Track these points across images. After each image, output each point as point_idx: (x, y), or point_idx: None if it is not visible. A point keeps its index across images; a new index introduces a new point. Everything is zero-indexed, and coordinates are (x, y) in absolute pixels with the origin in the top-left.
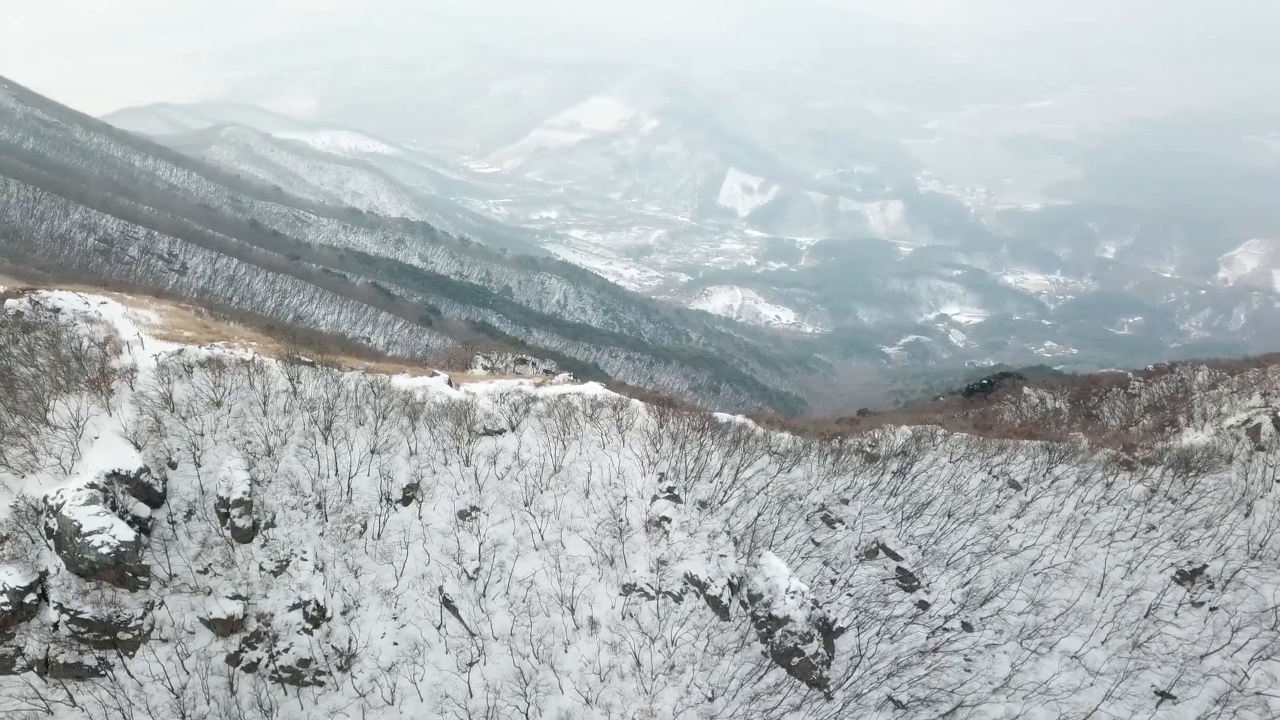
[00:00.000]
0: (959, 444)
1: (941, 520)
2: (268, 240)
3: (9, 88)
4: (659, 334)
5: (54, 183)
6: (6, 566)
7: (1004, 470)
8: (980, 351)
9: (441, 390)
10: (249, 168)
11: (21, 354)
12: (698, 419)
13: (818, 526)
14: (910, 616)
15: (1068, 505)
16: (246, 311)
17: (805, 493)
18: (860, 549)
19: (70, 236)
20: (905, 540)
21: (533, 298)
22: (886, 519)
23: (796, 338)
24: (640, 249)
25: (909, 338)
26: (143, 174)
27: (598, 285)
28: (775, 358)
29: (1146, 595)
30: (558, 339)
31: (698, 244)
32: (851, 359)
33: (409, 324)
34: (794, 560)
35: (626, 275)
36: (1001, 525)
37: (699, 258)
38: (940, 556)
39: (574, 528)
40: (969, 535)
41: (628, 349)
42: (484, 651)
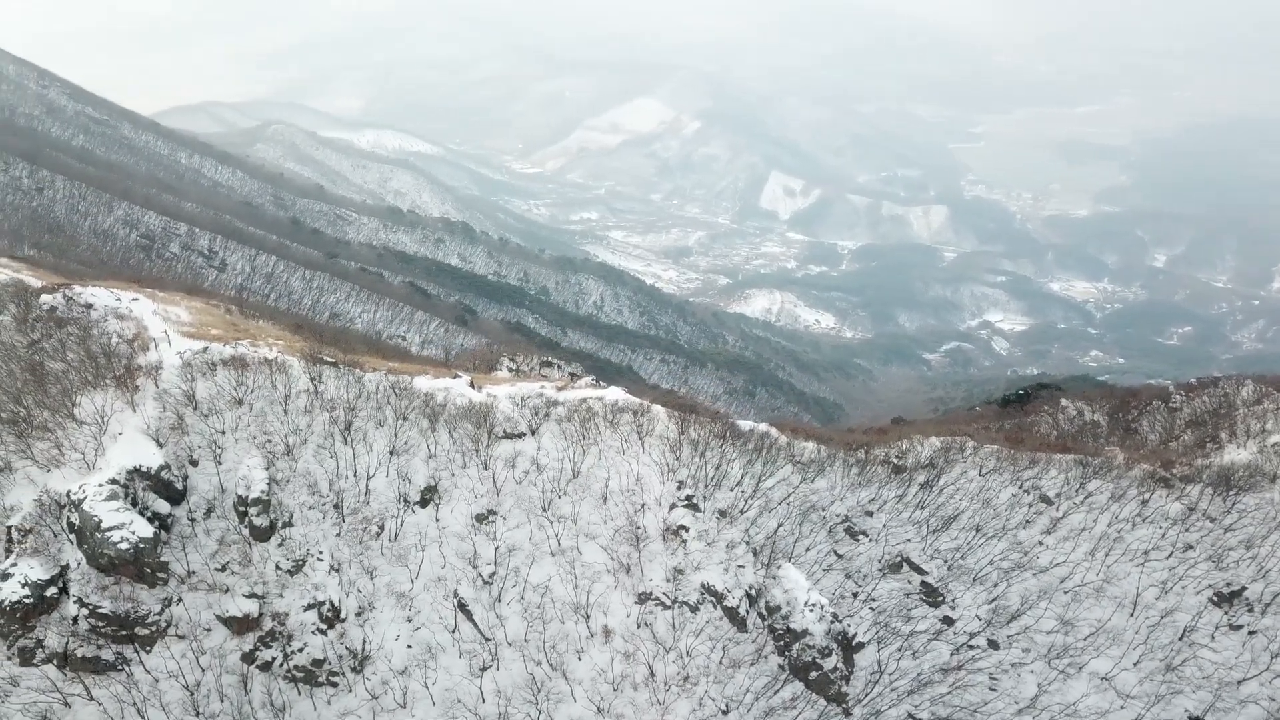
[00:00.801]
0: (989, 457)
1: (969, 534)
2: (307, 238)
3: (61, 85)
4: (695, 337)
5: (99, 179)
6: (29, 560)
7: (1035, 484)
8: (1023, 360)
9: (463, 392)
10: (294, 165)
11: (54, 349)
12: (719, 426)
13: (840, 538)
14: (934, 633)
15: (1101, 522)
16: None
17: (828, 504)
18: (884, 562)
19: (113, 232)
20: (930, 554)
21: (569, 299)
22: (911, 532)
23: (836, 343)
24: (680, 251)
25: (950, 344)
26: (188, 171)
27: (634, 287)
28: (813, 363)
29: (1182, 617)
30: (593, 340)
31: (738, 246)
32: (892, 365)
33: (444, 323)
34: (815, 572)
35: (665, 277)
36: (1031, 541)
37: (739, 260)
38: (966, 572)
39: (590, 534)
40: (997, 550)
41: (663, 351)
42: (497, 657)
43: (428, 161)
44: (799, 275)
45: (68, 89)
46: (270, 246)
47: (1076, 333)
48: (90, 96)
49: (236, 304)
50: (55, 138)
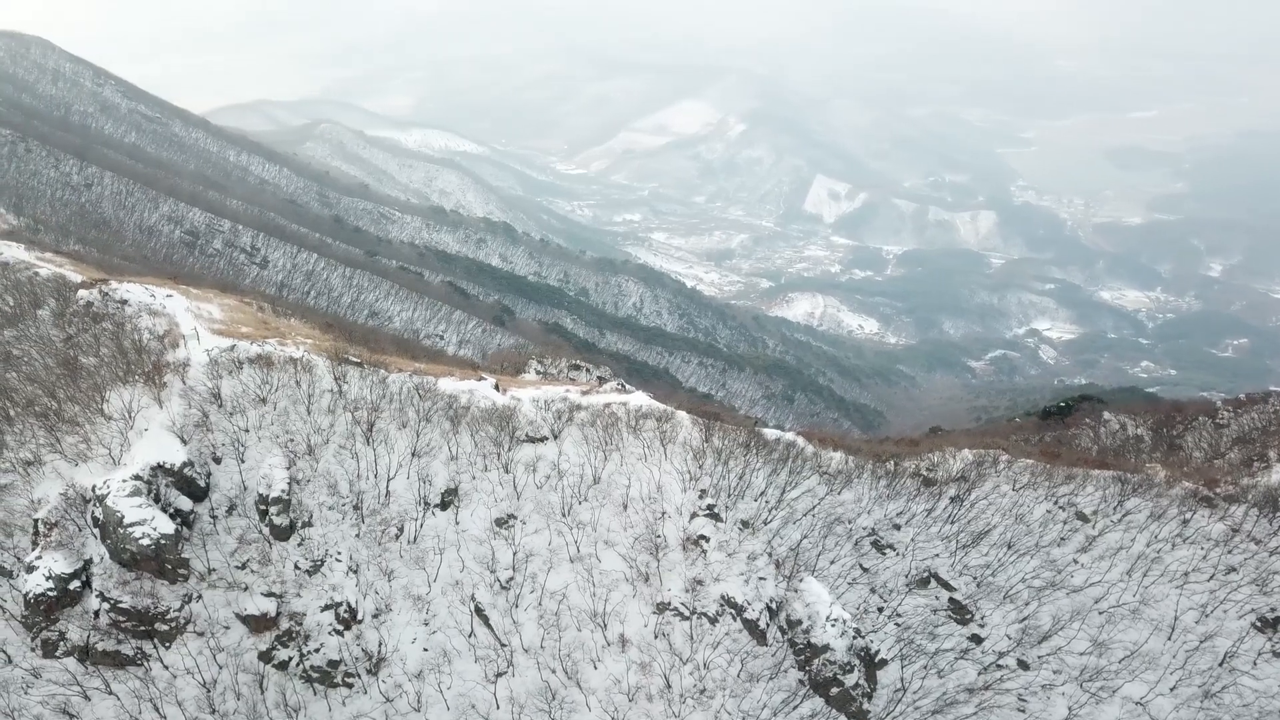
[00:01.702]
0: (1023, 471)
1: (1000, 551)
2: (349, 236)
3: (116, 84)
4: (735, 340)
5: (146, 175)
6: (53, 553)
7: (1071, 501)
8: (1071, 369)
9: (487, 395)
10: (341, 164)
11: (88, 344)
12: (744, 434)
13: (866, 552)
14: (961, 651)
15: (1139, 541)
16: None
17: (854, 516)
18: (911, 577)
19: (158, 229)
20: (959, 570)
21: (609, 300)
22: (940, 547)
23: (879, 348)
24: (722, 253)
25: (996, 352)
26: (235, 169)
27: (674, 289)
28: (855, 368)
29: (1222, 642)
30: (630, 342)
31: (781, 250)
32: (935, 372)
33: (482, 323)
34: (839, 586)
35: (707, 280)
36: (1065, 559)
37: (781, 264)
38: (996, 589)
39: (610, 542)
40: (1029, 568)
41: (701, 354)
42: (512, 663)
43: (474, 161)
44: (843, 279)
45: (122, 87)
46: (312, 244)
47: (1127, 343)
48: (144, 94)
49: (269, 301)
50: (108, 135)
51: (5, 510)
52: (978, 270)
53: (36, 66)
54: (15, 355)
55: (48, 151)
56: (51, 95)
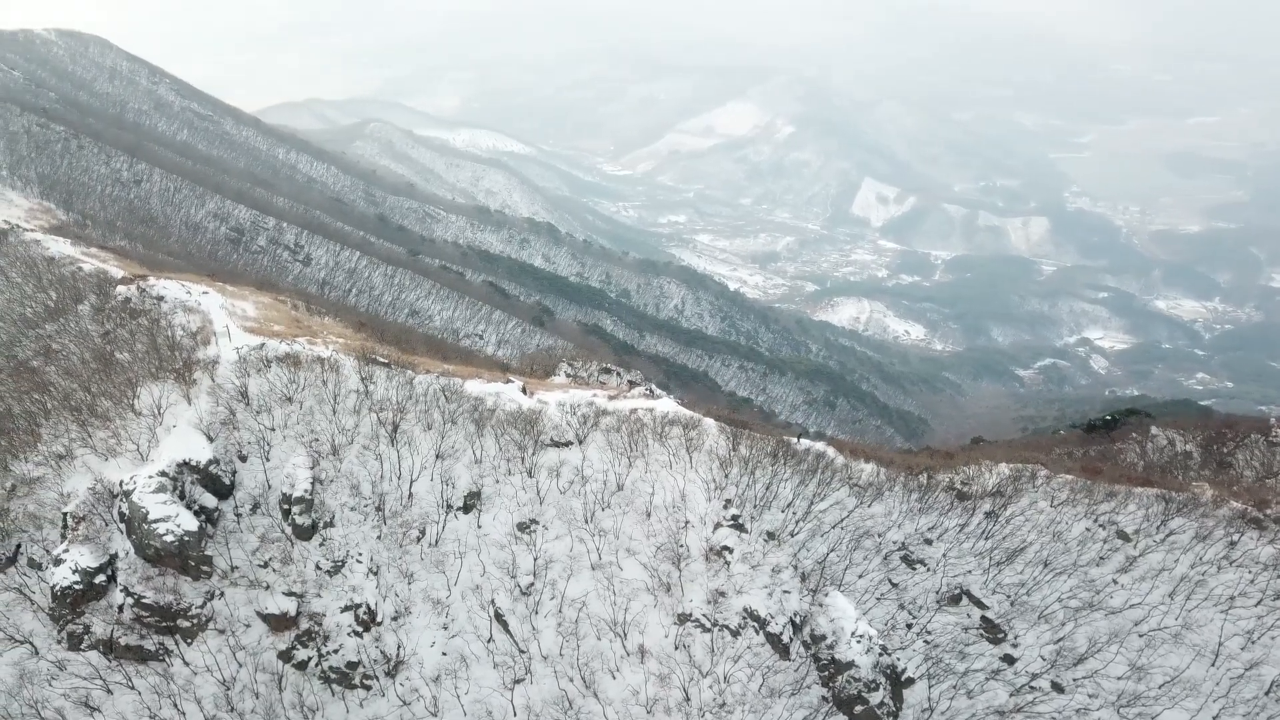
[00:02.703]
0: (1062, 487)
1: (1035, 569)
2: (393, 234)
3: (171, 82)
4: (777, 344)
5: (194, 172)
6: (80, 547)
7: (1112, 519)
8: (1123, 380)
9: (513, 398)
10: (389, 163)
11: (125, 340)
12: (772, 444)
13: (896, 566)
14: (992, 671)
15: (1182, 563)
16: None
17: (884, 530)
18: (942, 594)
19: (203, 225)
20: (993, 588)
21: (650, 302)
22: (973, 564)
23: (925, 355)
24: (767, 256)
25: (1045, 361)
26: (284, 166)
27: (717, 291)
28: (899, 374)
29: (1269, 670)
30: (670, 345)
31: (827, 253)
32: (982, 380)
33: (521, 323)
34: (866, 601)
35: (751, 282)
36: (1104, 579)
37: (827, 267)
38: (1031, 609)
39: (631, 550)
40: (1065, 587)
41: (741, 358)
42: (530, 671)
43: (520, 161)
44: (889, 284)
45: (176, 85)
46: (355, 242)
47: (1182, 354)
48: (197, 93)
49: (304, 299)
50: (161, 132)
51: (36, 503)
52: (1028, 277)
53: (95, 65)
54: (55, 349)
55: (99, 148)
56: (108, 93)
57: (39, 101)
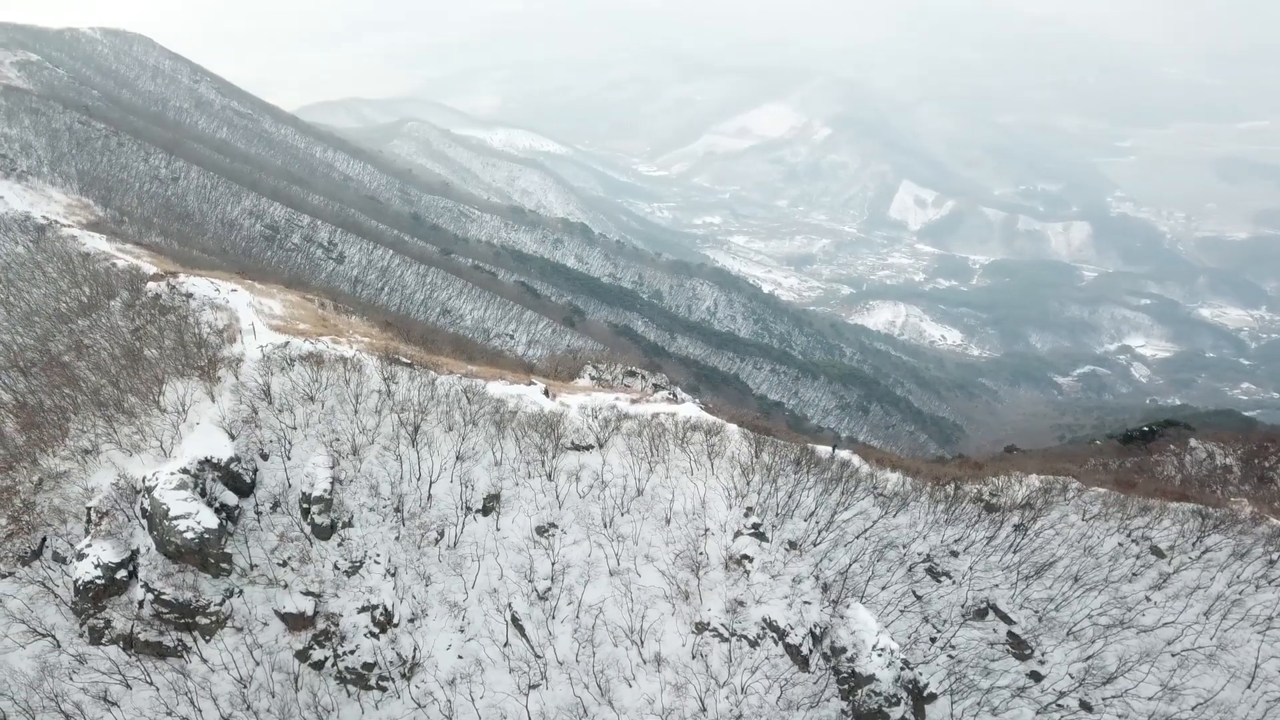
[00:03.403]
0: (1094, 500)
1: (1065, 584)
2: (427, 233)
3: (211, 80)
4: (810, 347)
5: (231, 169)
6: (103, 542)
7: (1145, 534)
8: (1165, 389)
9: (535, 400)
10: (426, 162)
11: (154, 336)
12: (796, 451)
13: (920, 579)
14: (1017, 689)
15: (1219, 581)
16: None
17: (909, 541)
18: (967, 607)
19: (239, 222)
20: (1020, 603)
21: (682, 304)
22: (1000, 577)
23: (961, 360)
24: (803, 258)
25: (1085, 368)
26: (321, 165)
27: (750, 293)
28: (935, 380)
29: None
30: (701, 347)
31: (863, 256)
32: (1019, 387)
33: (552, 324)
34: (889, 614)
35: (786, 284)
36: (1136, 596)
37: (863, 270)
38: (1059, 625)
39: (650, 557)
40: (1096, 604)
41: (774, 361)
42: (545, 676)
43: (556, 161)
44: (926, 288)
45: (217, 84)
46: (388, 241)
47: (1226, 363)
48: (237, 91)
49: (332, 298)
50: (201, 130)
51: (61, 497)
52: (1069, 283)
53: (138, 63)
54: (86, 344)
55: (138, 145)
56: (150, 91)
57: (81, 99)
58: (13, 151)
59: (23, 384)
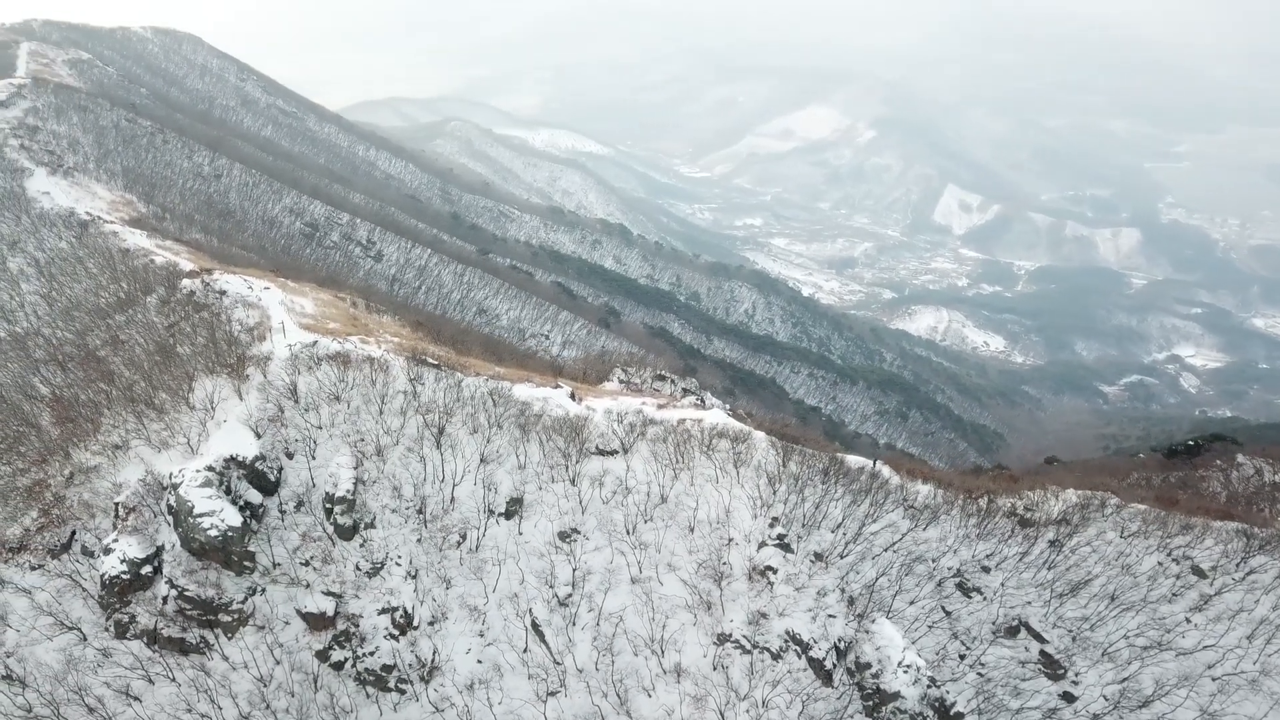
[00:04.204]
0: (1133, 517)
1: (1101, 603)
2: (466, 233)
3: (258, 79)
4: (850, 352)
5: (273, 167)
6: (129, 537)
7: (1186, 554)
8: (1215, 400)
9: (561, 403)
10: (468, 161)
11: (187, 333)
12: (824, 460)
13: (950, 594)
14: (1049, 710)
15: (1264, 604)
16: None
17: (939, 555)
18: (998, 625)
19: (279, 220)
20: (1053, 621)
21: (720, 306)
22: (1033, 595)
23: (1004, 367)
24: (844, 261)
25: (1132, 378)
26: (363, 163)
27: (789, 296)
28: (976, 387)
29: None
30: (738, 350)
31: (906, 260)
32: (1063, 395)
33: (587, 324)
34: (916, 629)
35: (826, 287)
36: (1175, 618)
37: (906, 275)
38: (1094, 645)
39: (672, 565)
40: (1133, 624)
41: (811, 365)
42: (564, 684)
43: (597, 162)
44: (969, 294)
45: (263, 82)
46: (427, 240)
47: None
48: (282, 90)
49: (364, 297)
50: (246, 128)
51: (91, 492)
52: (1116, 290)
53: (186, 61)
54: (122, 340)
55: (183, 142)
56: (198, 89)
57: (130, 97)
58: (60, 148)
59: (60, 378)
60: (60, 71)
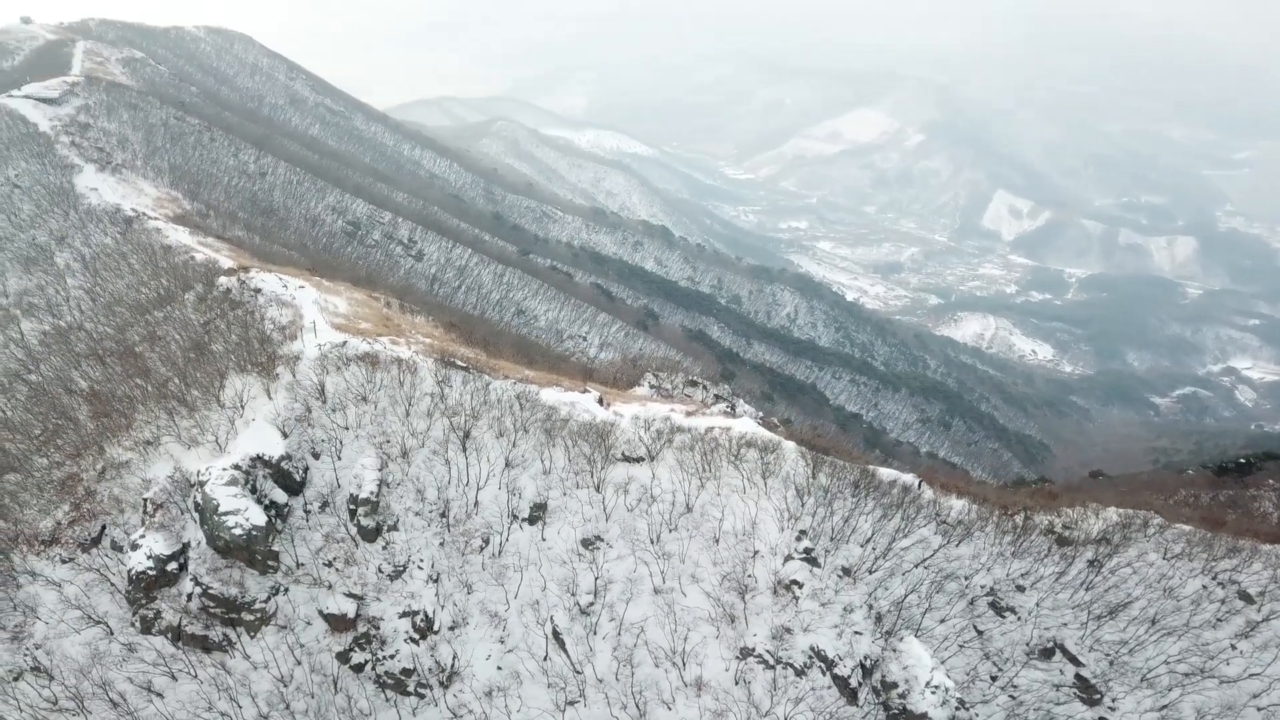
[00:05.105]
0: (1177, 539)
1: (1141, 627)
2: (508, 233)
3: (307, 78)
4: (893, 358)
5: (319, 166)
6: (155, 534)
7: (1233, 578)
8: (1272, 414)
9: (589, 408)
10: (513, 161)
11: (221, 330)
12: (855, 472)
13: (982, 613)
14: None
15: None
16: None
17: (971, 573)
18: (1032, 646)
19: (321, 218)
20: (1090, 644)
21: (761, 309)
22: (1070, 616)
23: (1052, 376)
24: (890, 266)
25: (1185, 390)
26: (408, 162)
27: (832, 301)
28: (1022, 396)
29: None
30: (778, 354)
31: (953, 266)
32: (1112, 406)
33: (625, 326)
34: (946, 648)
35: (871, 292)
36: (1219, 644)
37: (953, 280)
38: (1133, 670)
39: (696, 577)
40: (1174, 650)
41: (853, 371)
42: (583, 694)
43: (642, 163)
44: (1018, 301)
45: (312, 81)
46: (468, 239)
47: None
48: (331, 89)
49: (398, 296)
50: (294, 127)
51: (121, 487)
52: (1171, 300)
53: (237, 60)
54: (159, 336)
55: (229, 140)
56: (248, 88)
57: (180, 95)
58: (110, 145)
59: (99, 372)
60: (114, 70)
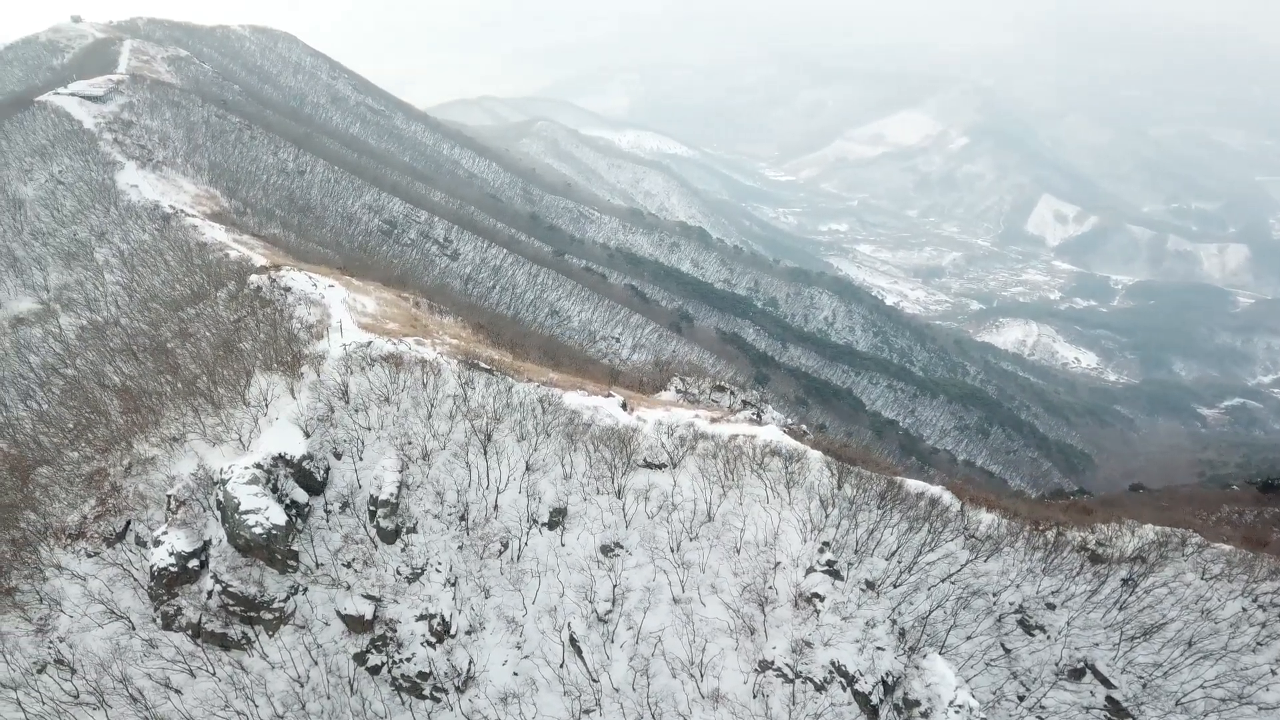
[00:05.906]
0: (1216, 559)
1: (1176, 649)
2: (544, 233)
3: (349, 78)
4: (932, 364)
5: (355, 164)
6: (178, 531)
7: (1275, 601)
8: None
9: (611, 413)
10: (552, 161)
11: (251, 328)
12: (881, 483)
13: (1010, 631)
14: None
15: None
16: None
17: (999, 590)
18: (1062, 666)
19: (358, 216)
20: (1123, 665)
21: (798, 312)
22: (1102, 636)
23: (1095, 385)
24: (931, 270)
25: (1234, 400)
26: (447, 161)
27: (871, 305)
28: (1063, 404)
29: None
30: (814, 358)
31: (995, 271)
32: (1158, 417)
33: (659, 328)
34: (972, 666)
35: (911, 296)
36: (1259, 669)
37: (995, 286)
38: (1167, 694)
39: (716, 587)
40: (1210, 673)
41: (891, 377)
42: (599, 703)
43: (682, 164)
44: (1062, 308)
45: (354, 80)
46: (503, 240)
47: None
48: (372, 88)
49: (428, 297)
50: (335, 126)
51: (146, 483)
52: (1220, 308)
53: (281, 59)
54: (191, 333)
55: (269, 138)
56: (290, 87)
57: (222, 94)
58: (151, 142)
59: (132, 367)
60: (159, 68)
